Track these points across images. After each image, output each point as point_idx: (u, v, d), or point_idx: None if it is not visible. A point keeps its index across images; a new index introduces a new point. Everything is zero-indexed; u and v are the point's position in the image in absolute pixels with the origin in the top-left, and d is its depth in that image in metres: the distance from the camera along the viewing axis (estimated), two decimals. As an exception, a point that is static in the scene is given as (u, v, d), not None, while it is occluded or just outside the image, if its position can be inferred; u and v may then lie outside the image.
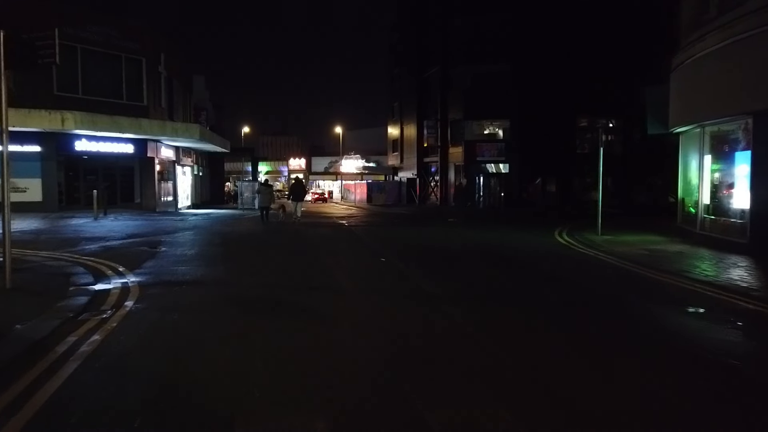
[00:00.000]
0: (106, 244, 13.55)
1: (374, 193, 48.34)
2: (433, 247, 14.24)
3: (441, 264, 11.29)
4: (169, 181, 31.40)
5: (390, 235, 17.62)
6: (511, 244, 15.07)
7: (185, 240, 14.67)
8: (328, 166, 69.69)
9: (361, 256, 12.23)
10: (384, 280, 9.35)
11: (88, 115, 23.39)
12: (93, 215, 22.03)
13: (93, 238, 14.88)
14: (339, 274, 9.90)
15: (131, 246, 13.37)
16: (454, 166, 39.15)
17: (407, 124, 45.73)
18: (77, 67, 25.33)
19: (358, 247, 13.74)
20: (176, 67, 31.75)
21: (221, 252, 12.35)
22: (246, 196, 37.17)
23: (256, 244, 14.19)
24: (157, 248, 12.94)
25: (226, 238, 15.50)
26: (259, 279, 9.47)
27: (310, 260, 11.57)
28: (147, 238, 15.02)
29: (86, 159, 26.78)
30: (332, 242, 15.06)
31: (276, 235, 17.15)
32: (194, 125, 28.10)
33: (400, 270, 10.37)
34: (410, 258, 11.93)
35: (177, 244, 13.68)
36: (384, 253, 12.46)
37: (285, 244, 14.34)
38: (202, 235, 16.27)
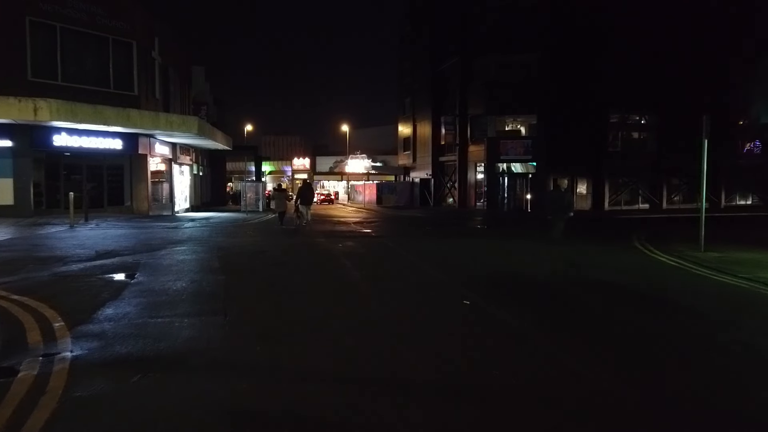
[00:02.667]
0: (62, 269, 9.51)
1: (384, 194, 44.43)
2: (511, 272, 10.21)
3: (560, 309, 7.27)
4: (165, 181, 27.32)
5: (435, 250, 13.57)
6: (605, 265, 11.07)
7: (173, 261, 10.61)
8: (333, 166, 65.59)
9: (428, 292, 8.09)
10: (513, 357, 5.31)
11: (66, 104, 19.29)
12: (70, 222, 17.95)
13: (50, 257, 10.82)
14: (424, 339, 5.73)
15: (96, 272, 9.32)
16: (474, 166, 35.14)
17: (420, 120, 41.73)
18: (56, 50, 21.21)
19: (412, 274, 9.67)
20: (173, 55, 27.63)
21: (222, 286, 8.30)
22: (249, 197, 33.22)
23: (270, 270, 10.02)
24: (131, 277, 8.90)
25: (228, 257, 11.45)
26: (292, 361, 4.94)
27: (361, 305, 7.25)
28: (123, 257, 10.96)
29: (68, 156, 22.67)
30: (372, 264, 10.97)
31: (292, 251, 13.10)
32: (192, 118, 24.05)
33: (508, 324, 6.34)
34: (501, 297, 7.92)
35: (160, 270, 9.64)
36: (455, 287, 8.44)
37: (310, 270, 10.27)
38: (198, 252, 12.21)
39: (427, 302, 7.39)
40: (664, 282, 9.28)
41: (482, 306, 7.14)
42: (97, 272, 9.25)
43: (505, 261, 11.60)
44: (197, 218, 24.26)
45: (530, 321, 6.38)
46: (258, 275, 9.32)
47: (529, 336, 5.83)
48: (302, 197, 21.00)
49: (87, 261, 10.34)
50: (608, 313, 6.94)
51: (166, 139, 25.70)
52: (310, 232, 17.66)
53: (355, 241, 15.47)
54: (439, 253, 12.69)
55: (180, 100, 29.85)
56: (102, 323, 6.02)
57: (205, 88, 36.45)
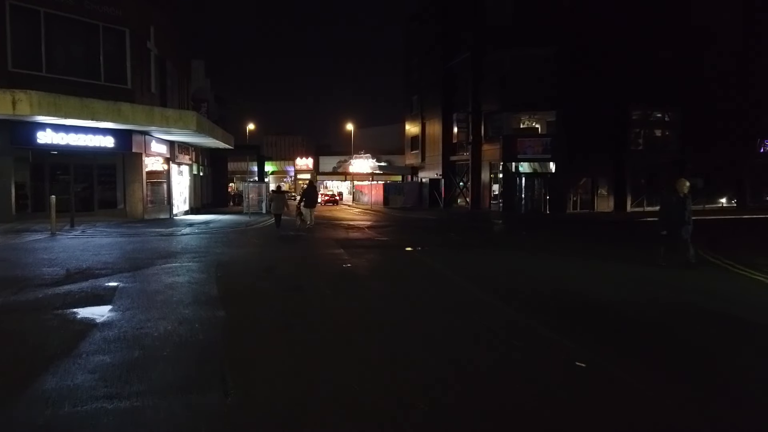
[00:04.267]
0: (11, 299, 7.13)
1: (391, 195, 42.19)
2: (582, 298, 7.84)
3: (681, 357, 4.94)
4: (162, 182, 24.94)
5: (479, 266, 11.18)
6: (697, 290, 8.72)
7: (159, 287, 8.20)
8: (337, 166, 63.25)
9: (513, 340, 5.80)
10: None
11: (49, 96, 16.89)
12: (51, 228, 15.57)
13: (3, 279, 8.43)
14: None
15: (55, 303, 6.95)
16: (489, 165, 32.76)
17: (430, 119, 39.34)
18: (40, 37, 18.80)
19: (474, 309, 7.25)
20: (170, 46, 25.23)
21: (221, 329, 5.92)
22: (252, 198, 30.87)
23: (284, 299, 7.47)
24: (102, 312, 6.53)
25: (229, 279, 9.05)
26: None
27: (426, 363, 4.75)
28: (98, 279, 8.57)
29: (55, 155, 20.27)
30: (411, 289, 8.55)
31: (307, 269, 10.72)
32: (190, 113, 21.62)
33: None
34: (601, 339, 5.58)
35: (141, 301, 7.26)
36: (535, 324, 6.10)
37: (337, 299, 7.85)
38: (192, 270, 9.81)
39: (526, 365, 5.02)
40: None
41: (610, 368, 4.77)
42: (57, 304, 6.87)
43: (562, 277, 9.22)
44: (196, 222, 21.88)
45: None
46: (269, 309, 6.94)
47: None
48: (307, 198, 19.72)
49: (50, 285, 7.96)
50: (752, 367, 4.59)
51: (163, 136, 23.32)
52: (324, 241, 15.30)
53: (376, 252, 13.09)
54: (486, 271, 10.31)
55: (178, 96, 27.45)
56: (26, 410, 3.65)
57: (205, 85, 34.04)
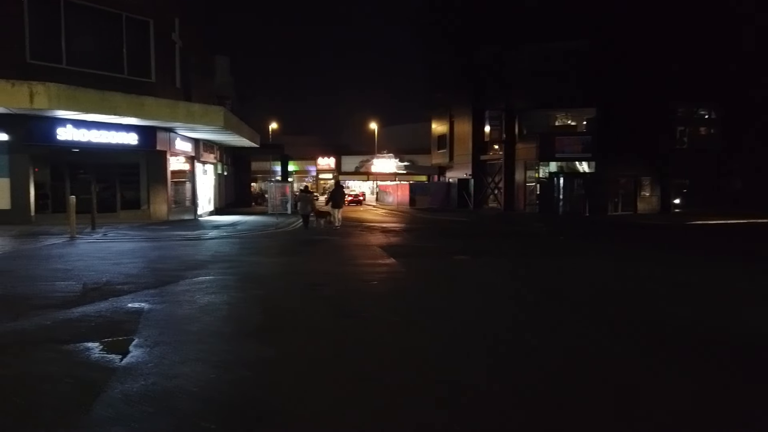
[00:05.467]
0: (9, 326, 5.62)
1: (417, 196, 40.42)
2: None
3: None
4: (186, 182, 23.59)
5: (554, 277, 9.51)
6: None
7: (191, 311, 6.60)
8: (359, 166, 61.72)
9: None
10: None
11: (68, 88, 15.53)
12: (71, 231, 14.18)
13: (6, 298, 6.96)
14: None
15: (64, 335, 5.42)
16: (523, 165, 30.93)
17: (458, 117, 37.54)
18: (59, 28, 17.47)
19: (594, 348, 5.65)
20: (195, 40, 23.82)
21: (275, 382, 4.41)
22: (276, 198, 29.48)
23: (341, 329, 5.53)
24: (121, 351, 4.98)
25: (271, 299, 7.41)
26: None
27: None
28: (118, 299, 7.03)
29: (76, 153, 18.96)
30: (499, 316, 6.96)
31: (358, 284, 9.12)
32: (216, 108, 20.16)
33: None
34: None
35: (172, 328, 5.73)
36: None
37: (407, 329, 6.26)
38: (227, 287, 8.23)
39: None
40: None
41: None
42: (66, 335, 5.33)
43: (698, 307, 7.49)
44: (222, 224, 20.43)
45: None
46: (324, 344, 5.30)
47: None
48: (334, 199, 19.20)
49: (60, 307, 6.44)
50: None
51: (187, 134, 21.95)
52: (365, 249, 13.72)
53: (427, 261, 11.44)
54: (574, 289, 8.61)
55: (202, 92, 26.05)
56: None
57: (229, 81, 32.63)
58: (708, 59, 27.88)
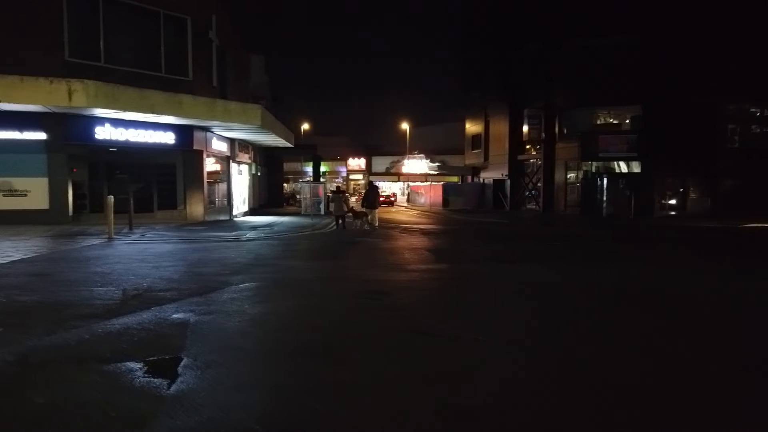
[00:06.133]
0: (48, 340, 4.98)
1: (451, 197, 39.57)
2: None
3: None
4: (222, 181, 23.16)
5: (641, 287, 8.56)
6: None
7: (241, 323, 5.84)
8: (390, 167, 60.96)
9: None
10: None
11: (106, 86, 15.14)
12: (108, 232, 13.75)
13: (43, 305, 6.37)
14: None
15: (104, 352, 4.76)
16: (564, 165, 29.73)
17: (494, 116, 36.49)
18: (98, 26, 17.14)
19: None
20: (231, 38, 23.39)
21: (354, 419, 3.65)
22: (309, 199, 28.87)
23: (420, 351, 4.48)
24: (170, 370, 4.28)
25: (330, 311, 6.64)
26: None
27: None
28: (160, 308, 6.34)
29: (114, 152, 18.67)
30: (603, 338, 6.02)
31: (423, 294, 8.32)
32: (254, 106, 19.60)
33: None
34: None
35: (223, 345, 5.04)
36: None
37: (496, 349, 5.43)
38: (276, 294, 7.54)
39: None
40: None
41: None
42: (106, 352, 4.66)
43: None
44: (258, 225, 19.88)
45: None
46: (402, 367, 4.52)
47: None
48: (369, 200, 18.95)
49: (100, 317, 5.79)
50: None
51: (223, 133, 21.50)
52: (412, 252, 12.92)
53: (480, 266, 10.57)
54: (687, 313, 7.64)
55: (238, 91, 25.64)
56: None
57: (264, 81, 32.22)
58: (761, 55, 26.28)
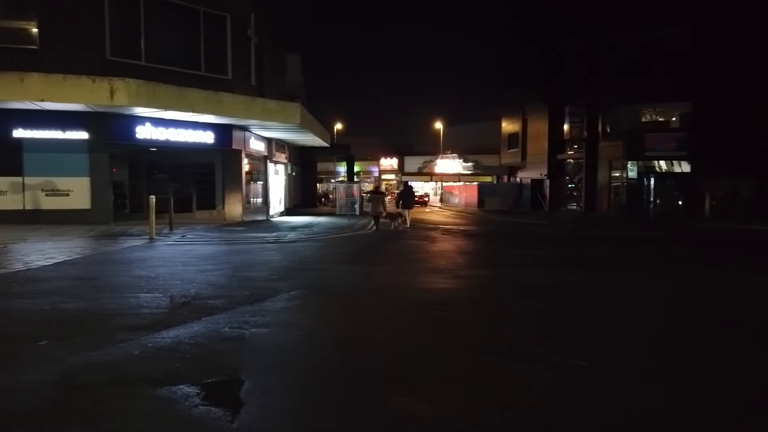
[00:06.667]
0: (94, 356, 4.49)
1: (486, 197, 38.57)
2: None
3: None
4: (259, 181, 22.85)
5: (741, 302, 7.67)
6: None
7: (302, 337, 5.39)
8: (422, 167, 60.16)
9: None
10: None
11: (147, 84, 14.89)
12: (150, 233, 13.46)
13: (89, 314, 5.92)
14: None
15: (157, 369, 4.26)
16: (608, 164, 28.54)
17: (532, 114, 35.42)
18: (139, 24, 16.95)
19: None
20: (268, 36, 23.05)
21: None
22: (345, 199, 28.38)
23: (519, 379, 3.90)
24: (231, 399, 3.72)
25: (393, 323, 6.04)
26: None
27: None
28: (211, 318, 5.82)
29: (153, 152, 18.50)
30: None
31: (496, 302, 7.63)
32: (293, 105, 19.16)
33: None
34: None
35: (286, 365, 4.50)
36: None
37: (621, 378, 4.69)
38: (332, 304, 6.96)
39: None
40: None
41: None
42: (159, 372, 4.14)
43: None
44: (297, 225, 19.46)
45: None
46: (494, 399, 3.87)
47: None
48: (404, 200, 18.99)
49: (148, 329, 5.29)
50: None
51: (261, 132, 21.15)
52: (460, 255, 12.23)
53: (540, 272, 9.83)
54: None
55: (274, 90, 25.32)
56: None
57: (299, 80, 31.88)
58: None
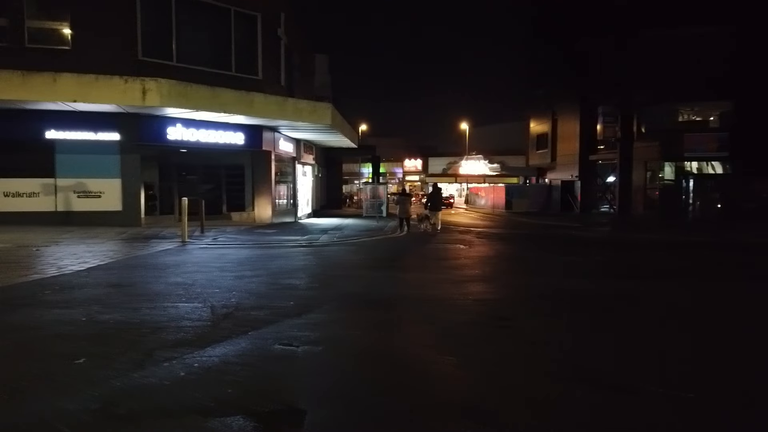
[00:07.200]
0: (136, 379, 4.03)
1: (515, 199, 37.66)
2: None
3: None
4: (288, 183, 22.49)
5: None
6: None
7: (357, 363, 4.88)
8: (446, 168, 59.45)
9: None
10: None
11: (179, 84, 14.60)
12: (182, 236, 13.13)
13: (125, 328, 5.50)
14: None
15: (208, 399, 3.78)
16: (644, 165, 27.53)
17: (562, 114, 34.51)
18: (170, 24, 16.70)
19: None
20: (297, 36, 22.70)
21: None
22: (372, 201, 27.89)
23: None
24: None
25: (457, 347, 5.48)
26: None
27: None
28: (258, 334, 5.36)
29: (183, 153, 18.27)
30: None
31: (557, 323, 7.03)
32: (325, 105, 18.71)
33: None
34: None
35: (353, 396, 3.98)
36: None
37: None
38: (383, 319, 6.48)
39: None
40: None
41: None
42: (209, 402, 3.66)
43: None
44: (326, 228, 19.02)
45: None
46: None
47: None
48: (432, 202, 18.75)
49: (193, 345, 4.83)
50: None
51: (290, 133, 20.78)
52: (502, 260, 11.62)
53: (597, 280, 9.18)
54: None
55: (303, 91, 24.96)
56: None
57: (327, 81, 31.50)
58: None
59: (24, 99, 13.88)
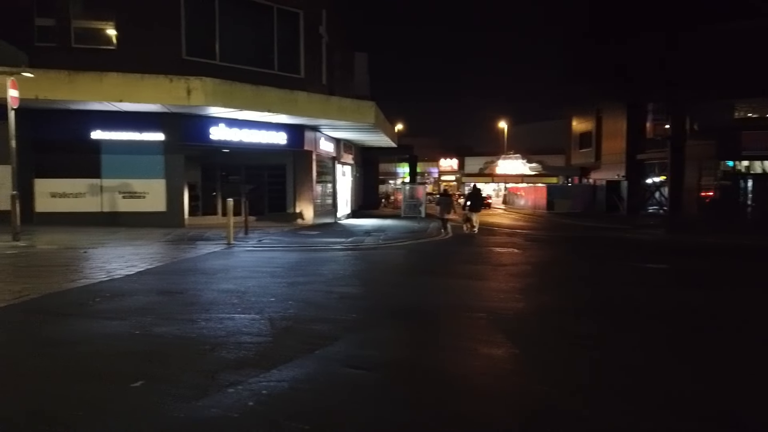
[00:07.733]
0: (201, 408, 3.55)
1: (556, 199, 36.48)
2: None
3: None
4: (328, 183, 22.11)
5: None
6: None
7: (439, 378, 4.34)
8: (483, 167, 58.34)
9: None
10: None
11: (223, 83, 14.32)
12: (227, 238, 12.82)
13: (176, 343, 5.06)
14: None
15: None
16: (697, 164, 26.11)
17: (608, 112, 33.18)
18: (214, 22, 16.48)
19: None
20: (338, 34, 22.28)
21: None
22: (410, 201, 27.26)
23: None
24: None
25: (554, 365, 4.97)
26: None
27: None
28: (323, 352, 4.86)
29: (225, 153, 18.06)
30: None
31: (644, 343, 6.33)
32: (368, 103, 18.19)
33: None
34: None
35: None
36: None
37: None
38: (457, 336, 5.92)
39: None
40: None
41: None
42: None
43: None
44: (368, 229, 18.53)
45: None
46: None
47: None
48: (472, 203, 18.46)
49: (257, 366, 4.33)
50: None
51: (331, 133, 20.38)
52: (559, 266, 10.89)
53: (690, 296, 8.37)
54: None
55: (343, 90, 24.53)
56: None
57: (365, 80, 31.06)
58: None
59: (71, 99, 13.82)
